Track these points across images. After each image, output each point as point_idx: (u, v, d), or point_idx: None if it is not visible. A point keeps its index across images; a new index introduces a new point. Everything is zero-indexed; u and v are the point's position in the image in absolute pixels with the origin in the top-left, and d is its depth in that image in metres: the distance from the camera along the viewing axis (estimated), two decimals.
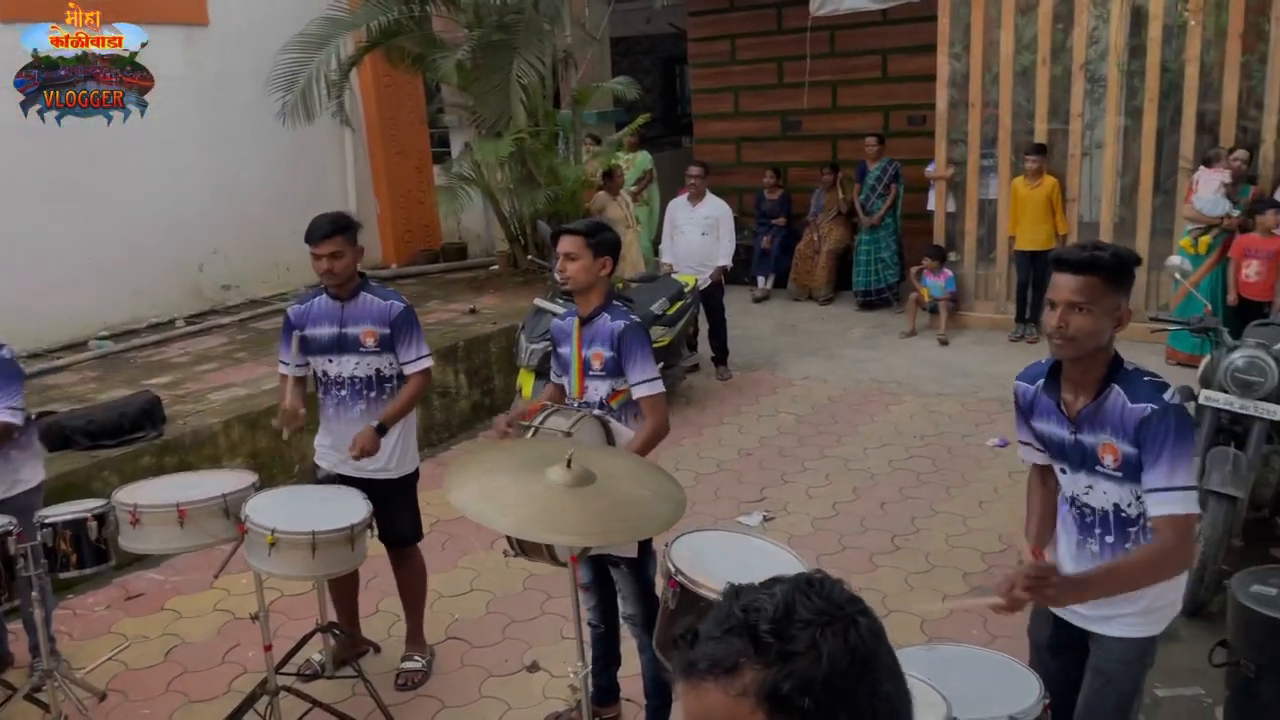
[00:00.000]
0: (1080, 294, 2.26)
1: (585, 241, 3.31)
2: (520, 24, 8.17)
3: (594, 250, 3.31)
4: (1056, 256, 2.35)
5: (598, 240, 3.33)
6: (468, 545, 5.11)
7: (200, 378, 6.52)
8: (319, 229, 3.63)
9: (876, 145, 9.46)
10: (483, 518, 2.38)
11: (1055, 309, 2.30)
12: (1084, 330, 2.27)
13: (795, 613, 0.98)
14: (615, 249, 3.40)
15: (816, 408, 7.03)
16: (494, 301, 8.32)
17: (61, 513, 3.50)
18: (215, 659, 4.20)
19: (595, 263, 3.32)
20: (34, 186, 7.23)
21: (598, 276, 3.34)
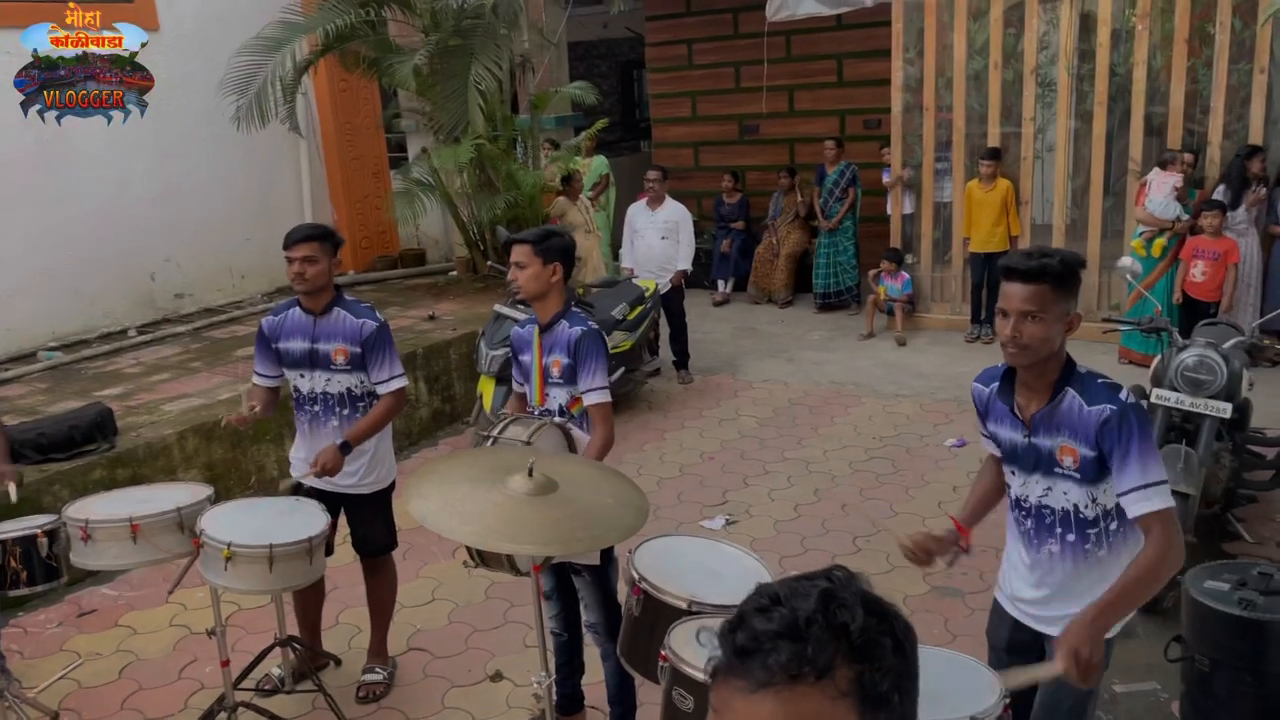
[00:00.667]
0: (1031, 302, 2.29)
1: (533, 249, 3.30)
2: (477, 29, 8.14)
3: (543, 257, 3.30)
4: (1006, 265, 2.37)
5: (545, 247, 3.31)
6: (429, 555, 5.06)
7: (153, 388, 6.40)
8: (296, 233, 3.60)
9: (835, 149, 9.54)
10: (444, 529, 2.36)
11: (1008, 318, 2.32)
12: (1037, 338, 2.31)
13: (871, 609, 0.99)
14: (565, 254, 3.37)
15: (777, 410, 7.07)
16: (453, 308, 8.26)
17: (10, 529, 3.42)
18: (171, 675, 4.12)
19: (545, 269, 3.31)
20: None
21: (549, 283, 3.33)
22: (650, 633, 2.55)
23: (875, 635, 0.98)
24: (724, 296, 10.41)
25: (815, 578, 1.03)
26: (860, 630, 0.97)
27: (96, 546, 3.20)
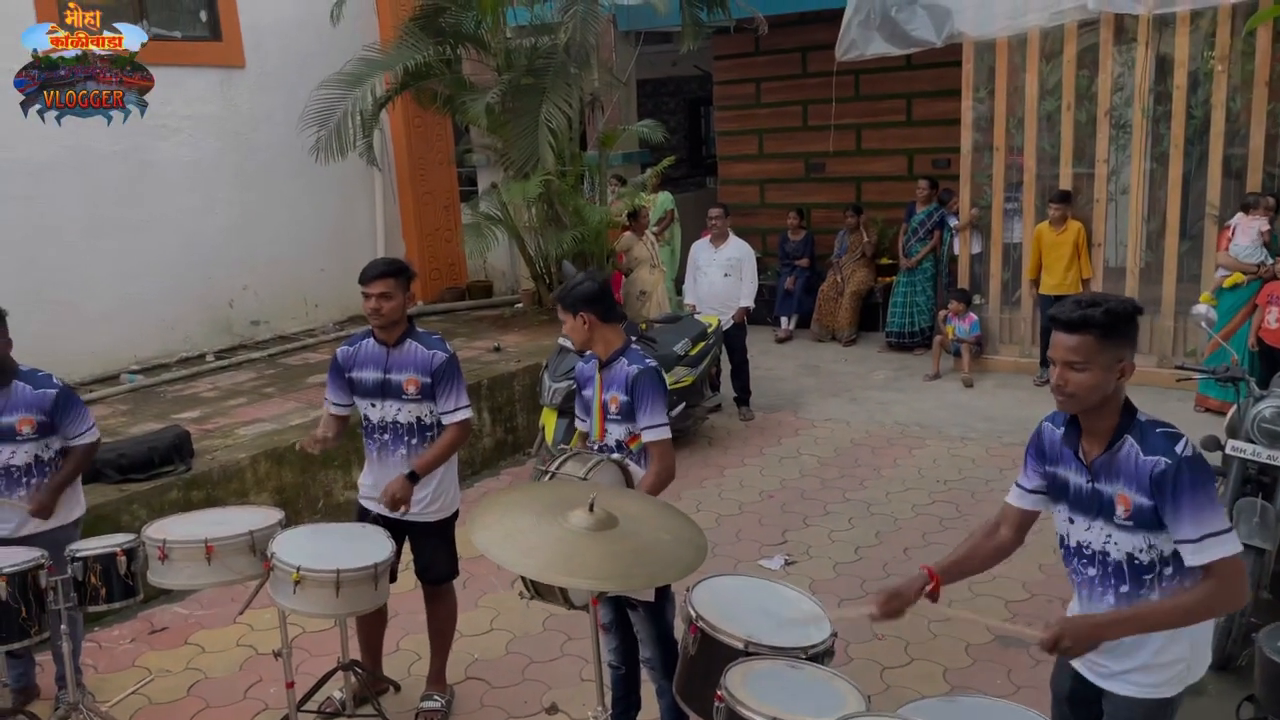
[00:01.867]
0: (1076, 353, 2.29)
1: (561, 307, 3.49)
2: (550, 68, 8.31)
3: (571, 310, 3.46)
4: (1051, 315, 2.38)
5: (569, 300, 3.46)
6: (488, 584, 5.12)
7: (229, 412, 6.61)
8: (372, 269, 3.71)
9: (927, 189, 9.49)
10: (505, 560, 2.40)
11: (1055, 366, 2.34)
12: (1084, 387, 2.30)
13: None
14: (588, 301, 3.44)
15: (839, 450, 7.02)
16: (518, 340, 8.39)
17: (92, 547, 3.56)
18: (237, 694, 4.22)
19: (576, 321, 3.46)
20: (76, 221, 7.42)
21: (585, 332, 3.46)
22: (706, 672, 2.56)
23: None
24: (787, 333, 10.39)
25: None
26: None
27: (173, 566, 3.31)
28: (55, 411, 3.86)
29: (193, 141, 8.16)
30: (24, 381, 3.85)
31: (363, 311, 3.78)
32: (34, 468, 3.87)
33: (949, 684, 4.03)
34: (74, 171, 7.37)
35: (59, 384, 3.92)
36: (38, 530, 3.83)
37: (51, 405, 3.85)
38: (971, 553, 2.69)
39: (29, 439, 3.84)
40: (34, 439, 3.85)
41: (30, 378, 3.87)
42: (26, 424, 3.82)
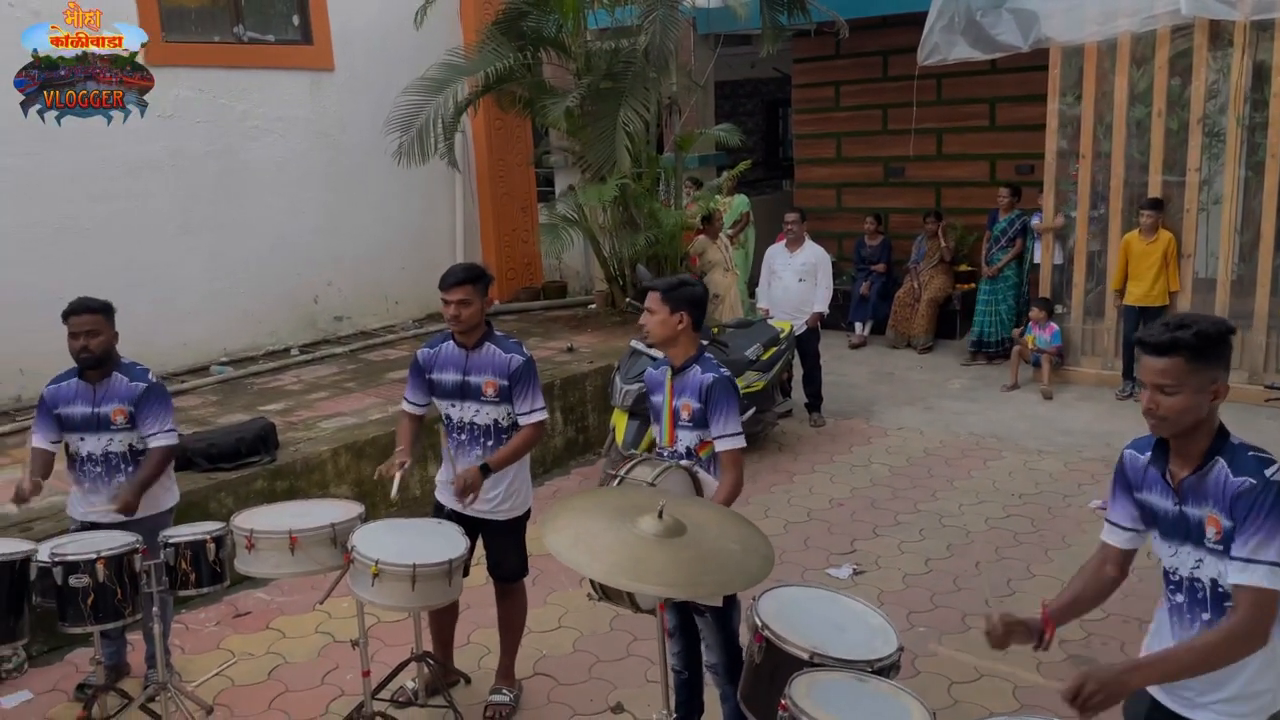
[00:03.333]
0: (1165, 376, 2.26)
1: (662, 298, 3.43)
2: (629, 72, 8.39)
3: (670, 305, 3.42)
4: (1139, 338, 2.35)
5: (674, 296, 3.43)
6: (557, 582, 5.20)
7: (312, 405, 6.82)
8: (452, 275, 3.78)
9: (1009, 197, 9.31)
10: (575, 563, 2.46)
11: (1146, 389, 2.32)
12: (1174, 410, 2.26)
13: None
14: (694, 304, 3.46)
15: (912, 460, 6.94)
16: (591, 340, 8.48)
17: (183, 534, 3.73)
18: (315, 680, 4.37)
19: (671, 317, 3.42)
20: (171, 219, 7.74)
21: (675, 331, 3.44)
22: (771, 680, 2.58)
23: None
24: (861, 339, 10.30)
25: None
26: None
27: (259, 555, 3.46)
28: (139, 404, 4.02)
29: (282, 142, 8.44)
30: (122, 374, 4.05)
31: (442, 315, 3.87)
32: (130, 456, 4.07)
33: (1019, 702, 3.97)
34: (170, 171, 7.70)
35: (151, 380, 4.09)
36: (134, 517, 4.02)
37: (137, 398, 4.02)
38: (1081, 593, 2.63)
39: (122, 429, 4.04)
40: (126, 429, 4.04)
41: (129, 370, 4.07)
42: (120, 414, 4.02)
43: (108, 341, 3.99)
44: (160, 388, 4.12)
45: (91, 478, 4.05)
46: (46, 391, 4.07)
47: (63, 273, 7.12)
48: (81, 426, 4.02)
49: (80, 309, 3.95)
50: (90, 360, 3.96)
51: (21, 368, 7.02)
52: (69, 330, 3.95)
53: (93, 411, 4.01)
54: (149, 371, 4.13)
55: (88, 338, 3.93)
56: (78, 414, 4.01)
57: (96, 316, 3.95)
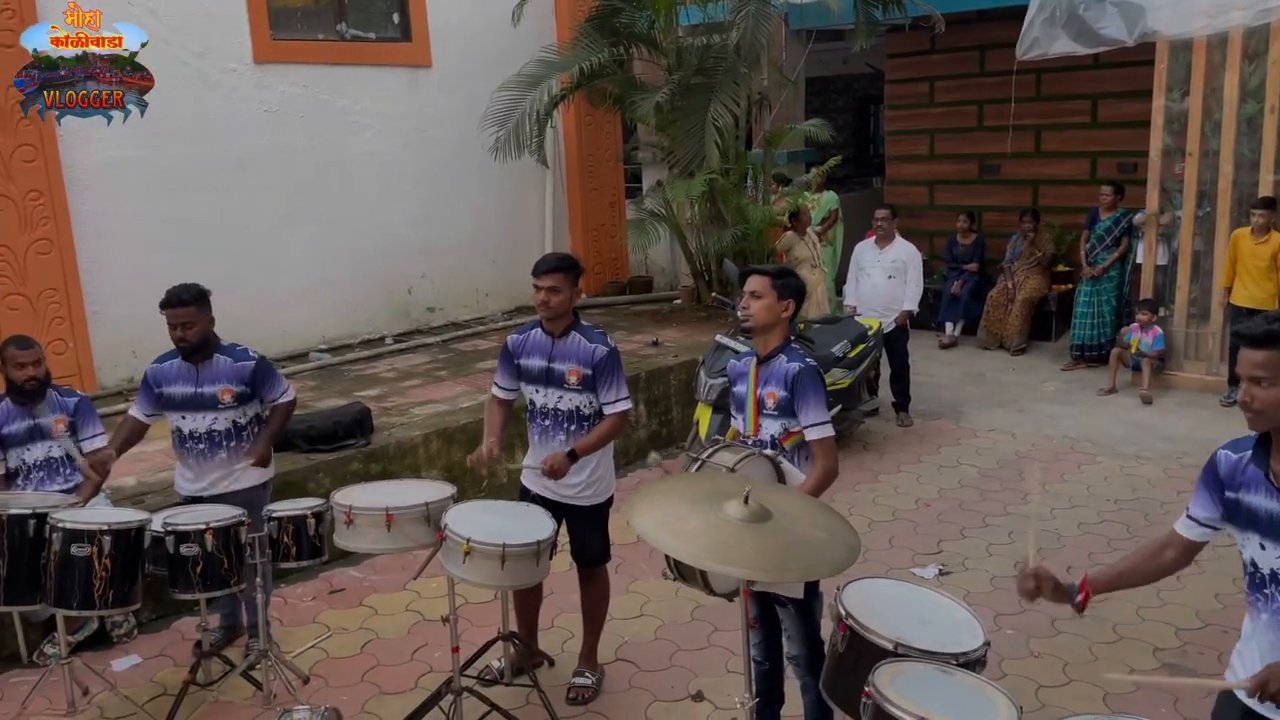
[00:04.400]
0: (1262, 368, 2.23)
1: (771, 282, 3.44)
2: (719, 67, 8.40)
3: (778, 292, 3.43)
4: (1236, 331, 2.33)
5: (783, 283, 3.45)
6: (639, 571, 5.26)
7: (405, 392, 7.02)
8: (545, 263, 3.88)
9: (1112, 195, 9.04)
10: (662, 544, 2.50)
11: (1242, 382, 2.29)
12: (1270, 403, 2.23)
13: None
14: (800, 294, 3.50)
15: (1002, 462, 6.80)
16: (676, 335, 8.52)
17: (286, 508, 3.91)
18: (405, 655, 4.52)
19: (779, 304, 3.43)
20: (274, 210, 8.04)
21: (779, 318, 3.45)
22: (854, 670, 2.58)
23: None
24: (951, 339, 10.11)
25: None
26: None
27: (357, 530, 3.59)
28: (254, 381, 4.28)
29: (381, 137, 8.68)
30: (224, 355, 4.27)
31: (532, 303, 3.96)
32: (232, 433, 4.29)
33: (1109, 708, 3.88)
34: (274, 164, 7.99)
35: (255, 355, 4.33)
36: (231, 489, 4.22)
37: (250, 375, 4.27)
38: (1132, 569, 2.64)
39: (229, 407, 4.25)
40: (233, 407, 4.26)
41: (230, 351, 4.29)
42: (227, 393, 4.23)
43: (203, 329, 4.21)
44: (265, 359, 4.38)
45: (195, 455, 4.26)
46: (150, 370, 4.31)
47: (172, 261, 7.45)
48: (184, 406, 4.24)
49: (174, 302, 4.16)
50: (188, 348, 4.19)
51: (134, 350, 7.37)
52: (167, 320, 4.16)
53: (195, 391, 4.22)
54: (249, 349, 4.35)
55: (184, 329, 4.15)
56: (179, 394, 4.23)
57: (189, 308, 4.15)
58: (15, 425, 4.40)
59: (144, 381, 4.32)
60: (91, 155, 7.00)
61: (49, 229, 6.76)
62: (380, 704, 4.12)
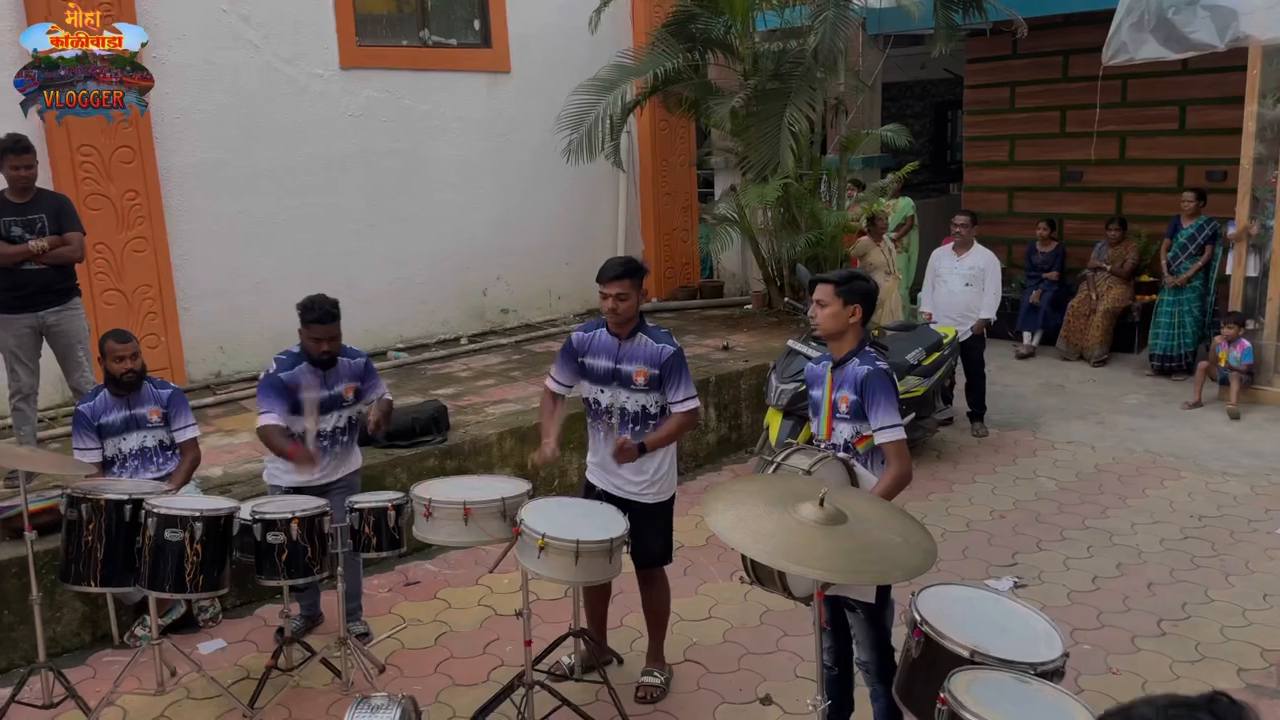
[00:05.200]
0: None
1: (835, 289, 3.46)
2: (796, 72, 8.37)
3: (844, 298, 3.45)
4: None
5: (848, 288, 3.46)
6: (707, 574, 5.28)
7: (479, 392, 7.14)
8: (611, 269, 3.90)
9: (1194, 202, 8.80)
10: (737, 543, 2.52)
11: None
12: None
13: None
14: (867, 297, 3.49)
15: (1081, 475, 6.65)
16: (747, 340, 8.51)
17: (368, 500, 4.02)
18: (477, 649, 4.60)
19: (845, 310, 3.45)
20: (358, 212, 8.26)
21: (847, 323, 3.46)
22: (928, 677, 2.57)
23: None
24: (1029, 349, 9.91)
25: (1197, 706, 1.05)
26: None
27: (435, 523, 3.68)
28: (365, 376, 4.53)
29: (460, 141, 8.86)
30: (344, 356, 4.49)
31: (601, 309, 3.99)
32: (349, 428, 4.55)
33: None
34: (358, 167, 8.21)
35: (364, 354, 4.57)
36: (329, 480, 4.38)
37: (362, 371, 4.53)
38: None
39: (350, 404, 4.50)
40: (353, 404, 4.51)
41: (345, 351, 4.49)
42: (350, 391, 4.49)
43: (340, 341, 4.44)
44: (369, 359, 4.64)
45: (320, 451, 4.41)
46: (285, 375, 4.36)
47: (261, 261, 7.73)
48: (320, 408, 4.41)
49: (329, 319, 4.32)
50: (329, 359, 4.40)
51: (221, 346, 7.66)
52: (312, 334, 4.32)
53: (328, 394, 4.43)
54: (355, 347, 4.60)
55: (330, 342, 4.35)
56: (315, 397, 4.39)
57: (339, 323, 4.37)
58: (113, 415, 4.60)
59: (279, 385, 4.35)
60: (186, 157, 7.28)
61: (144, 228, 7.05)
62: (453, 695, 4.20)
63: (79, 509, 3.82)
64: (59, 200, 5.42)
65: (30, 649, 4.36)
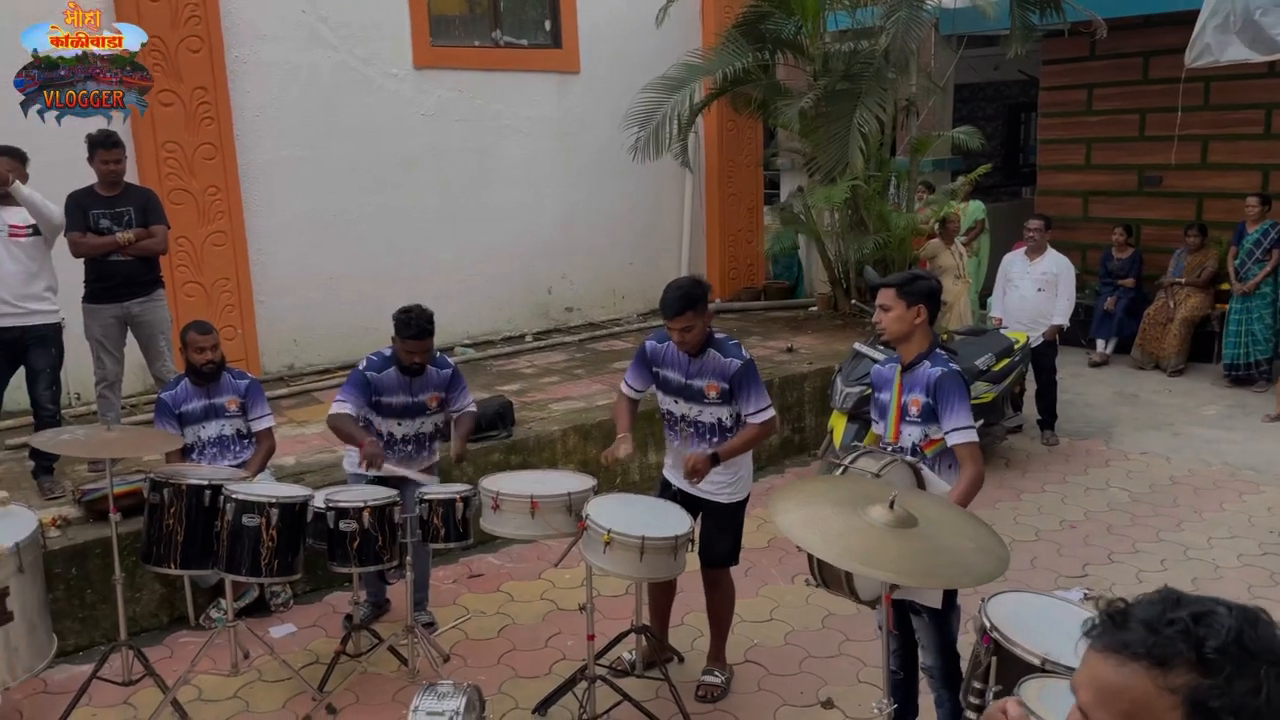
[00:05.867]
0: None
1: (897, 292, 3.43)
2: (866, 73, 8.30)
3: (907, 300, 3.41)
4: None
5: (910, 290, 3.42)
6: (769, 576, 5.26)
7: (543, 389, 7.21)
8: (670, 306, 3.79)
9: (1258, 206, 8.56)
10: (807, 543, 2.52)
11: None
12: None
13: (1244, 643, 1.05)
14: (930, 297, 3.45)
15: (1155, 487, 6.48)
16: (811, 342, 8.46)
17: (437, 492, 4.09)
18: (539, 642, 4.65)
19: (909, 312, 3.41)
20: (431, 209, 8.39)
21: (912, 325, 3.42)
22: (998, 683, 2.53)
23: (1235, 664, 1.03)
24: (1103, 357, 9.68)
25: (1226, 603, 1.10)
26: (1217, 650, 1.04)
27: (502, 516, 3.73)
28: (450, 387, 4.61)
29: (529, 141, 8.95)
30: (433, 365, 4.57)
31: None
32: (434, 436, 4.67)
33: None
34: (430, 166, 8.34)
35: (453, 364, 4.66)
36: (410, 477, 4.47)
37: (448, 382, 4.61)
38: None
39: (435, 412, 4.61)
40: (437, 412, 4.62)
41: (434, 360, 4.58)
42: (434, 400, 4.59)
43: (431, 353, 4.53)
44: (458, 370, 4.71)
45: (401, 455, 4.56)
46: (371, 377, 4.47)
47: (334, 257, 7.90)
48: (400, 414, 4.54)
49: (424, 335, 4.40)
50: (419, 368, 4.51)
51: (295, 339, 7.85)
52: (406, 347, 4.41)
53: (411, 401, 4.54)
54: (448, 357, 4.72)
55: (422, 356, 4.46)
56: (397, 403, 4.53)
57: (432, 339, 4.47)
58: (193, 404, 4.75)
59: (363, 383, 4.46)
60: (265, 154, 7.48)
61: (224, 222, 7.26)
62: (516, 686, 4.25)
63: (161, 493, 3.95)
64: (146, 194, 5.61)
65: (111, 627, 4.52)
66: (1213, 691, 1.03)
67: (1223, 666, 1.04)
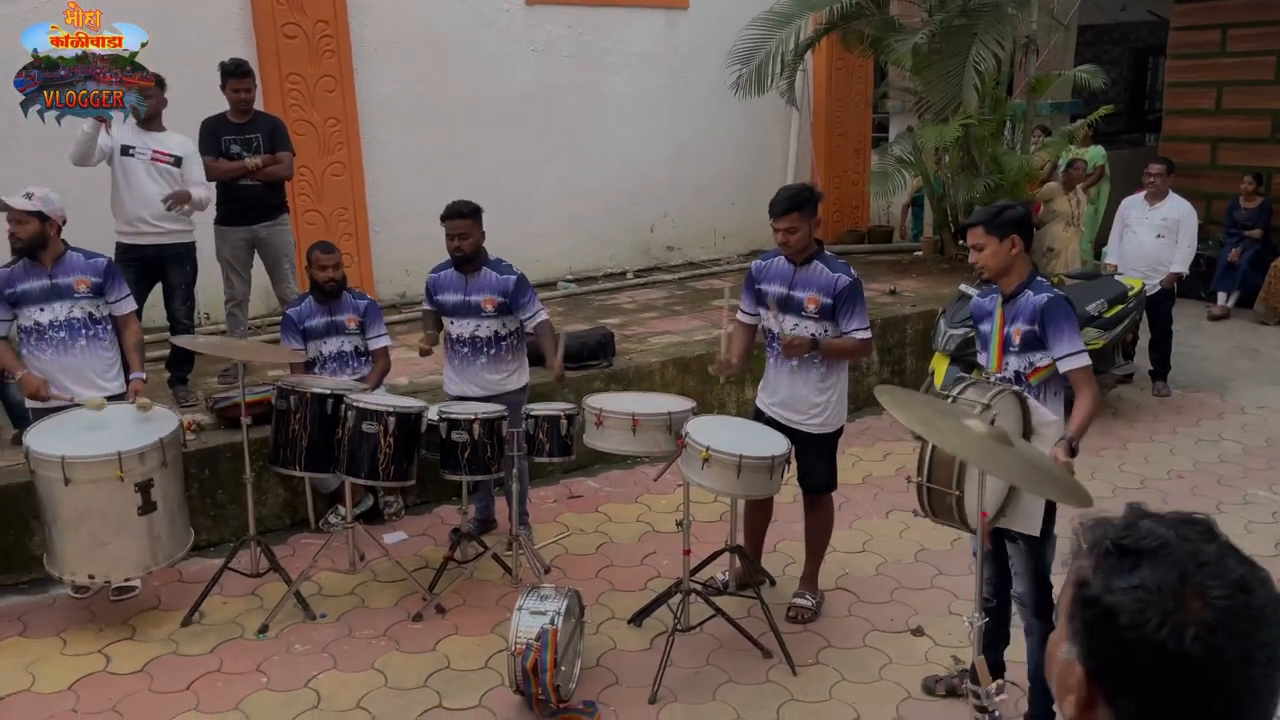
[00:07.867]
0: None
1: (985, 229, 3.40)
2: (984, 8, 8.03)
3: (997, 234, 3.38)
4: None
5: (998, 223, 3.38)
6: (862, 510, 5.32)
7: (643, 323, 7.33)
8: (779, 204, 3.90)
9: None
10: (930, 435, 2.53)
11: None
12: None
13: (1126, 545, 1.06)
14: (1021, 225, 3.40)
15: (1271, 441, 6.26)
16: (915, 285, 8.35)
17: (543, 409, 4.26)
18: (635, 560, 4.82)
19: (1002, 246, 3.38)
20: (538, 146, 8.52)
21: (1009, 257, 3.40)
22: None
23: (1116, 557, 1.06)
24: (1223, 310, 9.29)
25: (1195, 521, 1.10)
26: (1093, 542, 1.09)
27: (605, 432, 3.88)
28: (514, 294, 4.63)
29: (637, 78, 8.96)
30: (491, 269, 4.66)
31: (769, 246, 4.02)
32: (494, 340, 4.68)
33: None
34: (538, 102, 8.45)
35: (517, 272, 4.69)
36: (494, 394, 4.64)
37: (513, 289, 4.63)
38: None
39: (490, 315, 4.65)
40: (494, 316, 4.66)
41: (496, 266, 4.68)
42: (490, 303, 4.64)
43: (476, 242, 4.62)
44: (525, 278, 4.73)
45: (460, 357, 4.70)
46: (430, 278, 4.78)
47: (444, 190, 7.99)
48: (453, 312, 4.68)
49: (454, 214, 4.59)
50: (461, 258, 4.61)
51: (407, 269, 8.11)
52: (446, 231, 4.58)
53: (464, 300, 4.65)
54: (513, 265, 4.74)
55: (460, 239, 4.57)
56: (450, 301, 4.67)
57: (467, 220, 4.57)
58: (316, 320, 5.00)
59: (428, 286, 4.80)
60: (382, 88, 7.69)
61: (343, 154, 7.52)
62: (612, 598, 4.43)
63: (288, 400, 4.22)
64: (273, 122, 5.87)
65: (240, 526, 4.87)
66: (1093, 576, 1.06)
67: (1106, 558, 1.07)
